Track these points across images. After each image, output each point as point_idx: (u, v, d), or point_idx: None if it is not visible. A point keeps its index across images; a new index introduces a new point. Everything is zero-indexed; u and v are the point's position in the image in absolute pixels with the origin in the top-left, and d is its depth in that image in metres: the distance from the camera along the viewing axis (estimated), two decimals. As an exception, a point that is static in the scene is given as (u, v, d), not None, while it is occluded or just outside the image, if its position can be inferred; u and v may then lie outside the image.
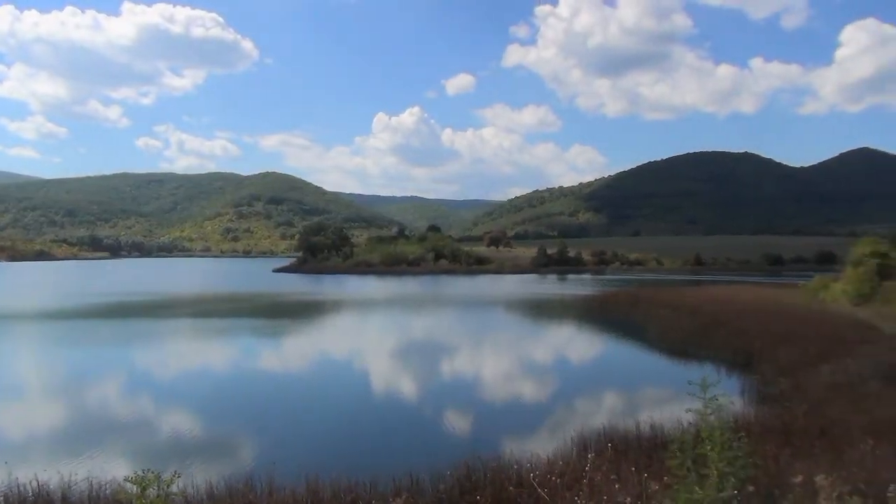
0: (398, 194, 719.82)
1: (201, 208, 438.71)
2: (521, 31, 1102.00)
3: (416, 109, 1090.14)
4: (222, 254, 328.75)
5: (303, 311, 56.61)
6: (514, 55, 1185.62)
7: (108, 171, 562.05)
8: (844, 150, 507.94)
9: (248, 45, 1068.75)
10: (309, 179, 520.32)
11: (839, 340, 27.41)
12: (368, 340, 39.98)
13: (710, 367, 27.17)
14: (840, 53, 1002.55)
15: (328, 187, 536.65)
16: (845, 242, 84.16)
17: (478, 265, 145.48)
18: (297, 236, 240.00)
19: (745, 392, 21.81)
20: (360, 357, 33.60)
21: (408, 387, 25.75)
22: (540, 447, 14.64)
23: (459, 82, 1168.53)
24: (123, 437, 17.90)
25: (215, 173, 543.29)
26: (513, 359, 33.52)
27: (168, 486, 6.14)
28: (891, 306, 39.42)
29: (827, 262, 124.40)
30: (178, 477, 6.66)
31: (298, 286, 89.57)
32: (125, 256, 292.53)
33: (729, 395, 19.28)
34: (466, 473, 12.47)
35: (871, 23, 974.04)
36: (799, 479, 5.95)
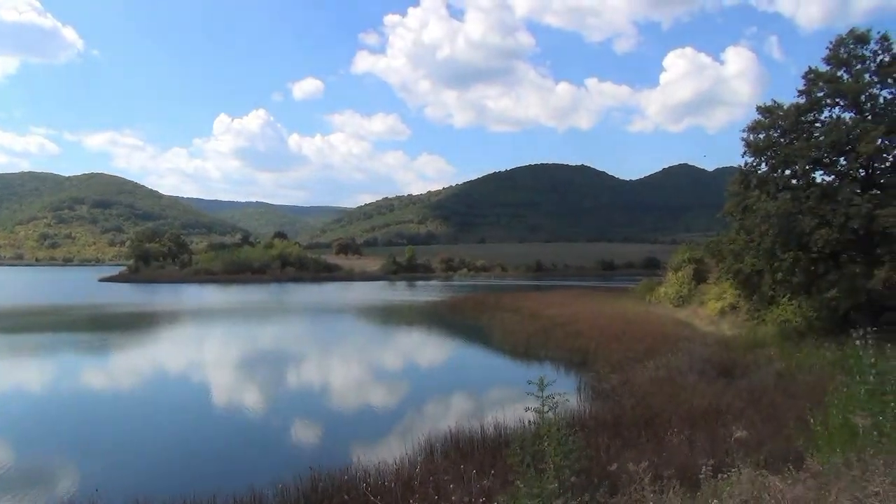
0: (242, 199, 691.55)
1: (12, 212, 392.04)
2: (370, 38, 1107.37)
3: (261, 112, 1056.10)
4: (38, 262, 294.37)
5: (133, 324, 51.88)
6: (363, 62, 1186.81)
7: None
8: (667, 165, 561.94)
9: (69, 33, 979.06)
10: (142, 182, 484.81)
11: (663, 338, 30.04)
12: (208, 353, 37.75)
13: (550, 367, 28.65)
14: (664, 77, 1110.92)
15: (164, 191, 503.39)
16: (668, 249, 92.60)
17: (326, 273, 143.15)
18: (128, 243, 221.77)
19: (581, 389, 23.12)
20: (198, 371, 31.54)
21: (251, 400, 24.55)
22: (388, 454, 14.57)
23: (307, 86, 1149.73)
24: None
25: (29, 173, 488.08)
26: (362, 366, 33.22)
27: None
28: (705, 307, 43.89)
29: (652, 266, 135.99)
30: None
31: (129, 296, 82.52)
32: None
33: (566, 392, 20.33)
34: (312, 486, 12.16)
35: (689, 51, 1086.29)
36: (627, 466, 6.34)
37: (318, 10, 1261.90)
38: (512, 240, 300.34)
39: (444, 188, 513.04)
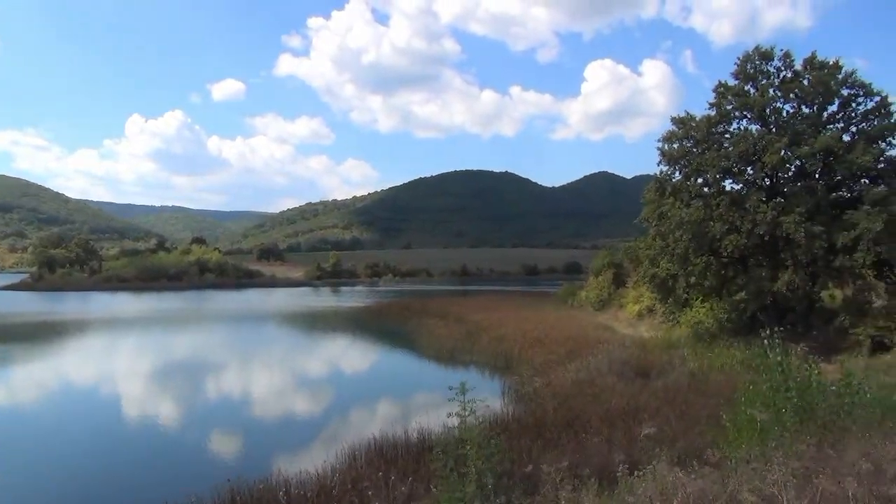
0: (157, 204, 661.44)
1: None
2: (293, 41, 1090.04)
3: (177, 113, 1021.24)
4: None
5: (37, 334, 48.58)
6: (286, 64, 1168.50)
7: None
8: (588, 173, 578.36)
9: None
10: (47, 185, 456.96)
11: (584, 341, 30.77)
12: (119, 364, 35.92)
13: (475, 372, 28.83)
14: (585, 87, 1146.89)
15: (72, 194, 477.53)
16: (589, 254, 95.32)
17: (247, 279, 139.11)
18: (30, 249, 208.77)
19: (505, 392, 23.34)
20: (109, 384, 29.89)
21: (166, 412, 23.48)
22: (310, 463, 14.22)
23: (227, 88, 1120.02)
24: None
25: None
26: (285, 374, 32.45)
27: None
28: (624, 310, 45.32)
29: (574, 271, 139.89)
30: None
31: (31, 305, 77.57)
32: None
33: (489, 396, 20.43)
34: (231, 498, 11.80)
35: (608, 63, 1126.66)
36: (542, 468, 6.38)
37: (238, 11, 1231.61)
38: (437, 245, 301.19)
39: (369, 193, 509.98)
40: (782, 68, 31.51)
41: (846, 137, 29.79)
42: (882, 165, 28.75)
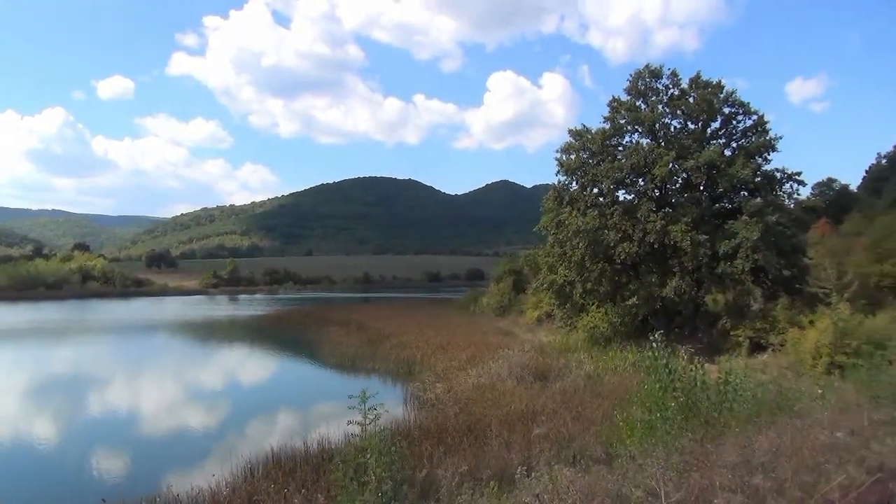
0: (35, 207, 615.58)
1: None
2: (188, 39, 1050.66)
3: (58, 110, 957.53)
4: None
5: None
6: (180, 64, 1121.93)
7: None
8: (490, 181, 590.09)
9: None
10: None
11: (485, 347, 31.25)
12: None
13: (377, 379, 28.60)
14: (488, 97, 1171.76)
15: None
16: (491, 261, 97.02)
17: (136, 287, 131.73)
18: None
19: (407, 399, 23.29)
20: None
21: (43, 431, 21.68)
22: (204, 479, 13.57)
23: (115, 85, 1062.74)
24: None
25: None
26: (177, 387, 30.88)
27: None
28: (524, 316, 46.43)
29: (477, 278, 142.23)
30: None
31: None
32: None
33: (390, 404, 20.29)
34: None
35: (510, 74, 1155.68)
36: (437, 473, 6.38)
37: (127, 4, 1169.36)
38: (340, 252, 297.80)
39: (269, 199, 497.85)
40: (670, 86, 33.42)
41: (727, 152, 31.93)
42: (759, 179, 30.97)
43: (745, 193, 31.66)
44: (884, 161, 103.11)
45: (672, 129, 33.55)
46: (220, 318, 71.23)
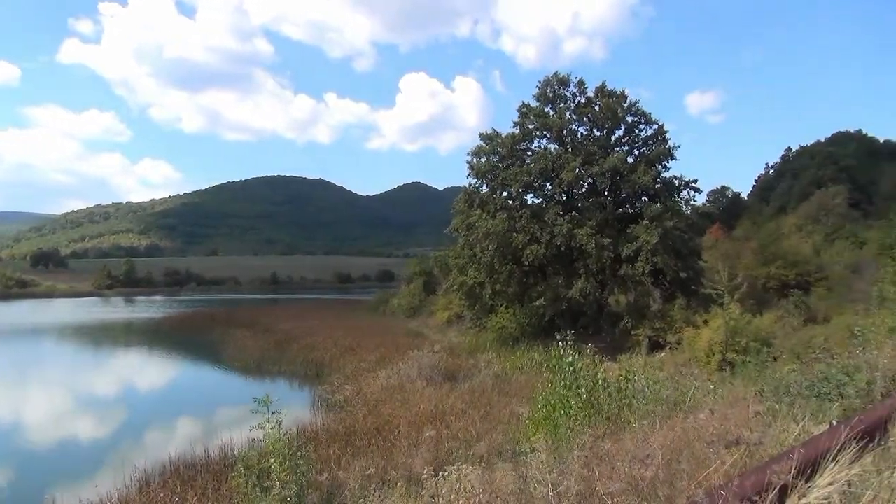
0: None
1: None
2: (82, 25, 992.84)
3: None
4: None
5: None
6: (73, 51, 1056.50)
7: None
8: (402, 183, 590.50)
9: None
10: None
11: (395, 348, 31.17)
12: None
13: (284, 383, 27.95)
14: (400, 98, 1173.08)
15: None
16: (401, 263, 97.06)
17: (20, 289, 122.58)
18: None
19: (315, 402, 22.86)
20: None
21: None
22: (93, 492, 12.78)
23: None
24: None
25: None
26: (65, 395, 28.92)
27: None
28: (434, 317, 46.67)
29: (387, 279, 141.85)
30: None
31: None
32: None
33: (299, 406, 19.90)
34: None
35: (423, 76, 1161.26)
36: (339, 475, 6.31)
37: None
38: (246, 252, 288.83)
39: (170, 196, 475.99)
40: (577, 94, 34.60)
41: (630, 159, 33.41)
42: (658, 185, 32.58)
43: (646, 199, 33.20)
44: (772, 171, 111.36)
45: (579, 135, 34.73)
46: (114, 321, 67.40)
